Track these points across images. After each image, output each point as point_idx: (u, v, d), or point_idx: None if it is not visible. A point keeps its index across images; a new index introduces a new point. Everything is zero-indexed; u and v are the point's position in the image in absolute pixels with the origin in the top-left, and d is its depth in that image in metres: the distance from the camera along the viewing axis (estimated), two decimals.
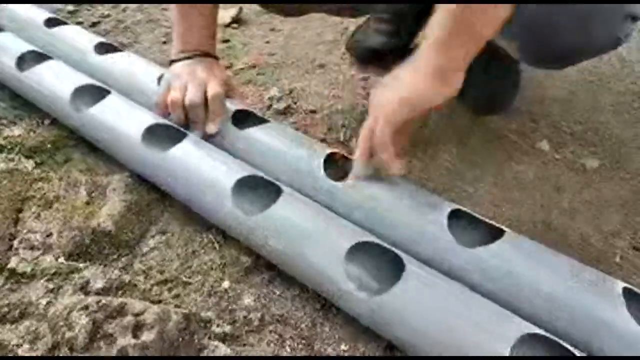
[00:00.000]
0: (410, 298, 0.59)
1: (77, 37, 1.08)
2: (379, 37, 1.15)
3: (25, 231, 0.78)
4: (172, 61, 0.89)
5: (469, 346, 0.55)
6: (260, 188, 0.73)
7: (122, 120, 0.84)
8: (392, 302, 0.60)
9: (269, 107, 1.06)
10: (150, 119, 0.83)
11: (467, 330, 0.55)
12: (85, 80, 0.92)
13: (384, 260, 0.65)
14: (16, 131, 0.96)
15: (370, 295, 0.61)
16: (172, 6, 0.89)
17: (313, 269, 0.66)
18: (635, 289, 0.60)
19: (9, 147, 0.92)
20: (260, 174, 0.74)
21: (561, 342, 0.54)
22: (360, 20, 1.22)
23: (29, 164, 0.89)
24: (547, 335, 0.55)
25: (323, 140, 0.98)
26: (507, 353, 0.52)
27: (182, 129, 0.82)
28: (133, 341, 0.59)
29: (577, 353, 0.53)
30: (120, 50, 1.04)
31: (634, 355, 0.56)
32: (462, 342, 0.55)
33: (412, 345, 0.60)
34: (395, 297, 0.60)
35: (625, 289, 0.60)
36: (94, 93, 0.89)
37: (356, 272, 0.65)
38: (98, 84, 0.91)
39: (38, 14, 1.16)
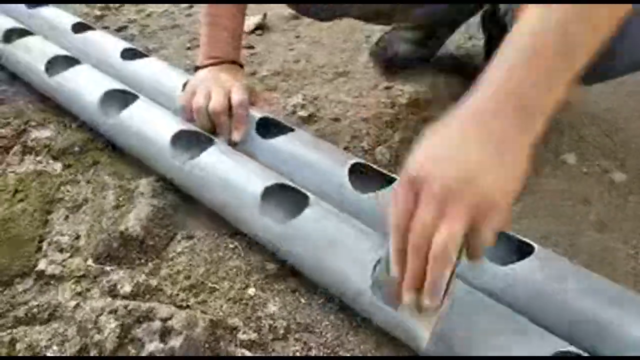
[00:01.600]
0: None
1: (104, 42, 1.09)
2: (405, 44, 1.15)
3: (53, 233, 0.79)
4: (197, 67, 0.90)
5: None
6: (288, 196, 0.73)
7: (150, 125, 0.85)
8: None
9: (293, 113, 1.07)
10: (178, 125, 0.84)
11: (504, 346, 0.55)
12: (114, 85, 0.93)
13: None
14: (44, 133, 0.97)
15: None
16: (201, 13, 0.90)
17: (340, 277, 0.66)
18: None
19: (38, 149, 0.94)
20: (289, 182, 0.74)
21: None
22: (386, 27, 1.22)
23: (57, 166, 0.91)
24: (580, 352, 0.54)
25: (346, 149, 0.98)
26: None
27: (210, 136, 0.83)
28: (161, 346, 0.60)
29: None
30: (147, 56, 1.05)
31: None
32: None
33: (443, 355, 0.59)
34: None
35: None
36: (123, 98, 0.90)
37: None
38: (127, 88, 0.93)
39: (65, 19, 1.18)
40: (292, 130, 0.85)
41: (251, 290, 0.71)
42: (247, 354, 0.63)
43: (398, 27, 1.18)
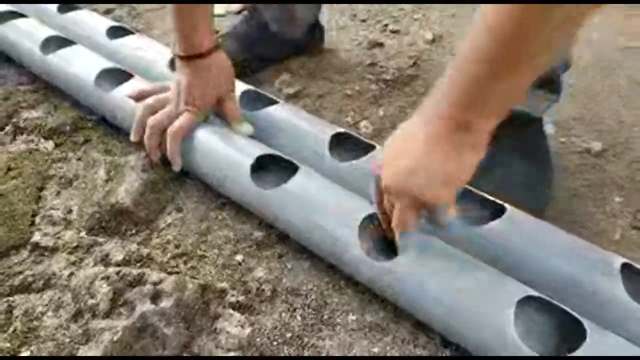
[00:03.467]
0: (420, 264, 0.62)
1: (90, 21, 1.11)
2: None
3: (46, 208, 0.81)
4: (180, 57, 0.81)
5: (475, 308, 0.58)
6: (278, 165, 0.76)
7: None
8: (400, 267, 0.63)
9: (280, 90, 1.09)
10: None
11: (473, 294, 0.58)
12: (108, 64, 0.95)
13: None
14: (35, 113, 0.99)
15: (380, 261, 0.64)
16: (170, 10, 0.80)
17: (327, 238, 0.69)
18: (634, 264, 0.63)
19: (29, 128, 0.96)
20: (278, 152, 0.77)
21: (562, 306, 0.57)
22: None
23: (49, 145, 0.93)
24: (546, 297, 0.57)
25: (331, 123, 1.00)
26: (512, 313, 0.55)
27: None
28: (152, 307, 0.63)
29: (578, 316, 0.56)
30: (133, 33, 1.07)
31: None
32: (470, 305, 0.58)
33: (422, 315, 0.63)
34: (404, 264, 0.62)
35: (624, 265, 0.62)
36: (117, 76, 0.92)
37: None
38: (121, 67, 0.94)
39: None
40: (276, 102, 0.87)
41: (239, 257, 0.74)
42: (236, 314, 0.66)
43: None
